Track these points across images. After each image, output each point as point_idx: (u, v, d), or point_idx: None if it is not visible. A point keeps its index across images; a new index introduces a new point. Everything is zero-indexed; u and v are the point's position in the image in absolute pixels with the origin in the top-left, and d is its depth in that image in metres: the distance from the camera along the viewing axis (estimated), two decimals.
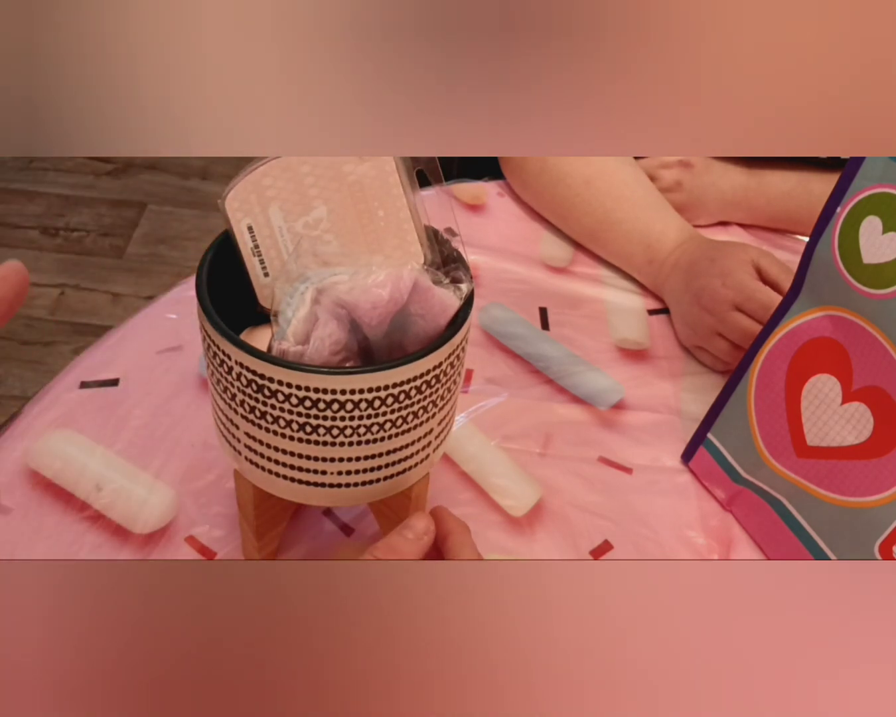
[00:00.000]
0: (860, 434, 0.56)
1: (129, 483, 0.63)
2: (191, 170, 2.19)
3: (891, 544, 0.54)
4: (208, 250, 0.49)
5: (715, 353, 0.75)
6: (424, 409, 0.47)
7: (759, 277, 0.74)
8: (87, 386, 0.69)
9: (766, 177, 0.89)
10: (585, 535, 0.63)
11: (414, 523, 0.44)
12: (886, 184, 0.54)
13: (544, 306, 0.81)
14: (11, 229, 2.00)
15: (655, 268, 0.82)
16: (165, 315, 0.76)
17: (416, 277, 0.46)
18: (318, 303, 0.46)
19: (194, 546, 0.60)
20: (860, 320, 0.55)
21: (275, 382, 0.44)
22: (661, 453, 0.70)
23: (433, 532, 0.45)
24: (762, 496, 0.63)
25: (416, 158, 0.50)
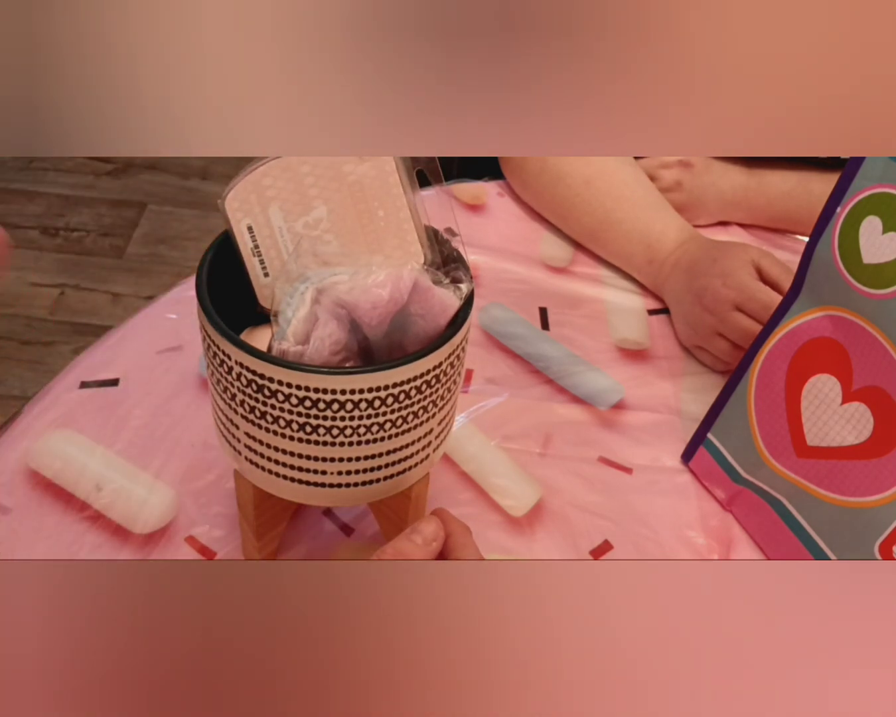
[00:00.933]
0: (860, 434, 0.56)
1: (129, 483, 0.63)
2: (191, 170, 2.19)
3: (891, 544, 0.54)
4: (208, 250, 0.49)
5: (715, 353, 0.75)
6: (424, 409, 0.47)
7: (759, 278, 0.74)
8: (87, 386, 0.69)
9: (766, 177, 0.89)
10: (585, 535, 0.63)
11: (423, 528, 0.43)
12: (886, 184, 0.54)
13: (544, 306, 0.81)
14: (11, 229, 2.00)
15: (655, 268, 0.82)
16: (165, 315, 0.76)
17: (416, 277, 0.46)
18: (318, 303, 0.46)
19: (194, 546, 0.60)
20: (860, 320, 0.55)
21: (275, 382, 0.44)
22: (661, 453, 0.69)
23: (442, 538, 0.44)
24: (762, 496, 0.63)
25: (416, 158, 0.50)
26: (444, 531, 0.44)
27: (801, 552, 0.60)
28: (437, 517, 0.45)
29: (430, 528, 0.44)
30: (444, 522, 0.45)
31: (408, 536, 0.43)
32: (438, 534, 0.44)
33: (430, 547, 0.43)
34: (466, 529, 0.45)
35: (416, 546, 0.43)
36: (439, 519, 0.45)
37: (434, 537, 0.43)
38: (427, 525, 0.44)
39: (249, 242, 0.49)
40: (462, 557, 0.44)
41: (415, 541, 0.43)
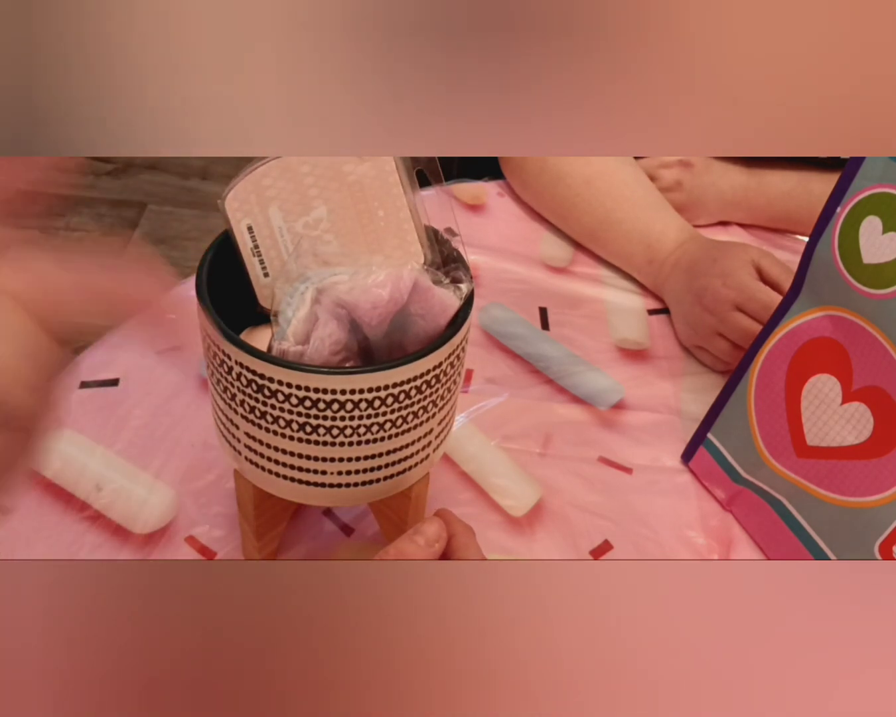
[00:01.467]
0: (860, 434, 0.56)
1: (129, 483, 0.63)
2: (191, 170, 2.19)
3: (891, 544, 0.54)
4: (208, 250, 0.49)
5: (715, 353, 0.75)
6: (424, 409, 0.47)
7: (759, 278, 0.74)
8: (87, 386, 0.69)
9: (766, 177, 0.89)
10: (585, 535, 0.63)
11: (425, 529, 0.43)
12: (886, 184, 0.54)
13: (544, 306, 0.81)
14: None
15: (655, 268, 0.82)
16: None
17: (416, 277, 0.46)
18: (318, 303, 0.46)
19: (194, 546, 0.60)
20: (860, 320, 0.55)
21: (275, 382, 0.44)
22: (661, 453, 0.70)
23: (445, 539, 0.43)
24: (762, 496, 0.63)
25: (416, 158, 0.50)
26: (446, 532, 0.44)
27: (801, 552, 0.60)
28: (441, 518, 0.45)
29: (433, 529, 0.43)
30: (447, 523, 0.45)
31: (410, 537, 0.43)
32: (441, 535, 0.43)
33: (432, 548, 0.43)
34: (469, 530, 0.45)
35: (419, 547, 0.43)
36: (442, 520, 0.44)
37: (437, 537, 0.43)
38: (430, 526, 0.43)
39: (249, 241, 0.49)
40: (465, 558, 0.44)
41: (417, 542, 0.43)
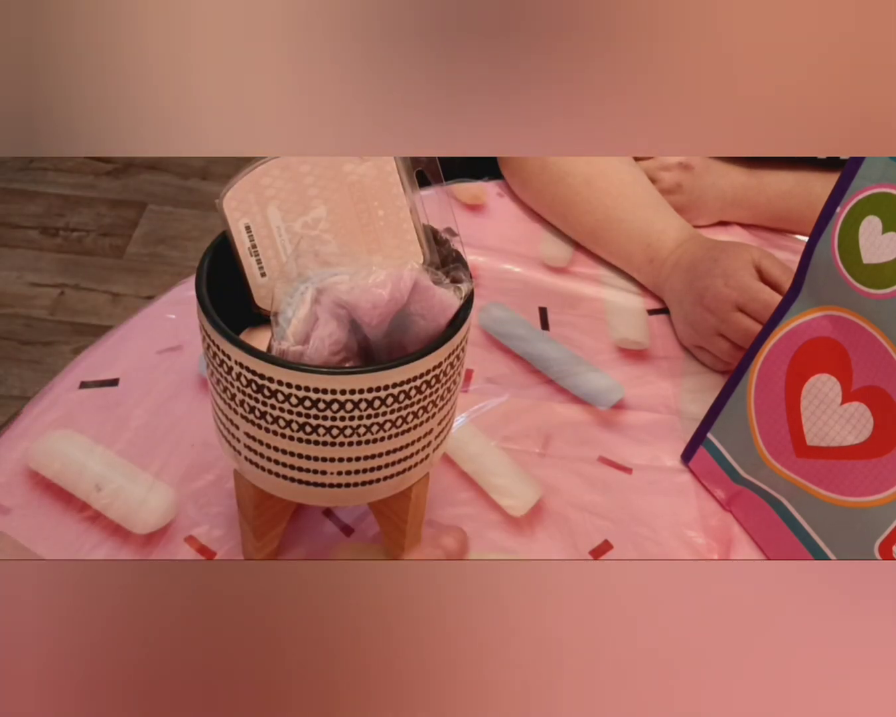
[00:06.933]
0: (860, 434, 0.56)
1: (128, 483, 0.63)
2: (191, 170, 2.19)
3: (891, 544, 0.54)
4: (208, 250, 0.49)
5: (716, 353, 0.75)
6: (424, 409, 0.47)
7: (760, 278, 0.74)
8: (87, 386, 0.69)
9: (766, 177, 0.89)
10: (585, 535, 0.63)
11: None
12: (886, 184, 0.54)
13: (544, 306, 0.81)
14: (11, 229, 2.00)
15: (656, 267, 0.82)
16: (165, 315, 0.76)
17: (416, 277, 0.46)
18: (318, 303, 0.46)
19: (194, 546, 0.60)
20: (860, 320, 0.55)
21: (275, 382, 0.44)
22: (660, 453, 0.69)
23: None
24: (762, 496, 0.63)
25: (416, 158, 0.50)
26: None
27: (801, 552, 0.60)
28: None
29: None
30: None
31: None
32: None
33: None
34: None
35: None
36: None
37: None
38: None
39: (247, 241, 0.49)
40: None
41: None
